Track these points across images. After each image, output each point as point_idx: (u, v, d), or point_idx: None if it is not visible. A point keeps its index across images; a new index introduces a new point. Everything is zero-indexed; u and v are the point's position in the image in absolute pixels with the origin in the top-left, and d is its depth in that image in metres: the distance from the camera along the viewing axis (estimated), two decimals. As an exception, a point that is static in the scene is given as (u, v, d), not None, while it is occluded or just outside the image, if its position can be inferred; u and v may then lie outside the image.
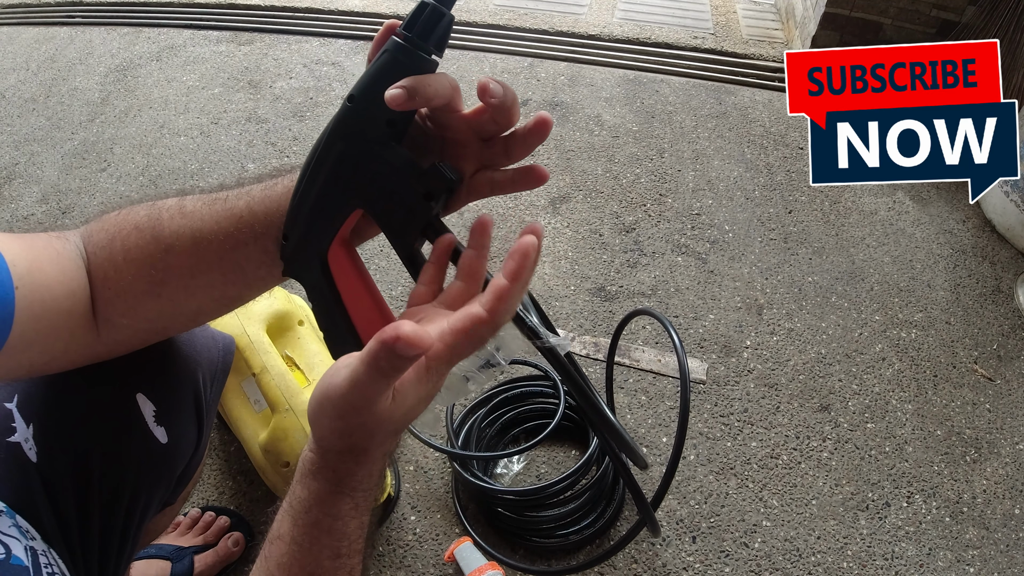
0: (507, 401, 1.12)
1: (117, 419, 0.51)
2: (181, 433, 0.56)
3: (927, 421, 1.20)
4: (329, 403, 0.37)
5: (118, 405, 0.51)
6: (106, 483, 0.51)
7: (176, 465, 0.58)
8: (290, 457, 0.85)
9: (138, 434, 0.52)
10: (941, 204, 1.67)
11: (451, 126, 0.42)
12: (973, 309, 1.41)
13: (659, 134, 1.85)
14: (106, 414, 0.51)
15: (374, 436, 0.38)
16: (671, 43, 2.23)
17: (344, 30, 2.25)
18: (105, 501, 0.51)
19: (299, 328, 1.00)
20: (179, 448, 0.56)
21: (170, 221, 0.44)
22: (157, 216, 0.45)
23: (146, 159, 1.72)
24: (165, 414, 0.54)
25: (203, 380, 0.58)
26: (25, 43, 2.24)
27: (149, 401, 0.53)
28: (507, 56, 2.14)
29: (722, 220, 1.59)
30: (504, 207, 1.59)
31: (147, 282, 0.45)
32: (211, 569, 0.91)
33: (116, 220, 0.46)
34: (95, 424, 0.50)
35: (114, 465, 0.51)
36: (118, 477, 0.52)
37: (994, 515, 1.08)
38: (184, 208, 0.45)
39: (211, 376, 0.60)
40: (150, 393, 0.53)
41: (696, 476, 1.10)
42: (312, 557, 0.39)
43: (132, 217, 0.45)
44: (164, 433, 0.54)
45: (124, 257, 0.44)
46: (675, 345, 0.83)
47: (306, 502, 0.39)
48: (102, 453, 0.50)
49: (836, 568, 1.00)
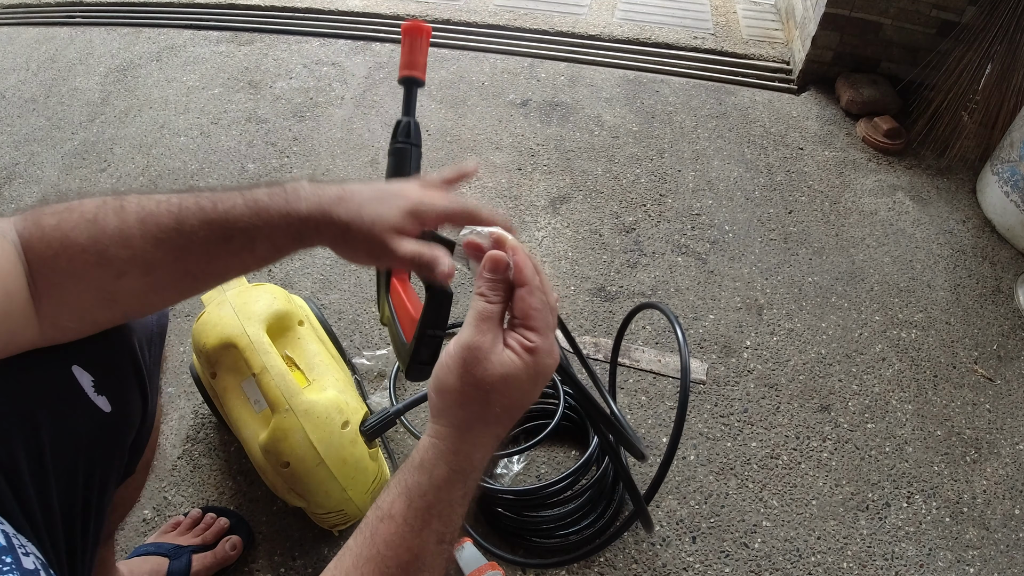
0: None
1: (57, 393, 0.51)
2: (125, 400, 0.56)
3: (927, 421, 1.20)
4: (446, 371, 0.43)
5: (55, 379, 0.51)
6: (58, 461, 0.50)
7: (125, 433, 0.57)
8: (290, 457, 0.85)
9: (80, 406, 0.52)
10: (941, 204, 1.67)
11: None
12: (973, 309, 1.41)
13: (659, 134, 1.85)
14: (46, 389, 0.50)
15: (489, 401, 0.43)
16: (671, 43, 2.23)
17: (344, 30, 2.25)
18: (61, 481, 0.51)
19: (299, 328, 1.00)
20: (125, 416, 0.56)
21: (116, 251, 0.47)
22: (103, 246, 0.46)
23: (146, 159, 1.72)
24: (104, 383, 0.53)
25: (139, 345, 0.57)
26: (25, 43, 2.24)
27: (86, 372, 0.52)
28: (507, 56, 2.14)
29: (722, 220, 1.59)
30: (504, 207, 1.59)
31: (96, 298, 0.48)
32: (208, 570, 0.91)
33: (56, 235, 0.46)
34: (38, 400, 0.50)
35: (63, 441, 0.51)
36: (69, 453, 0.51)
37: (994, 515, 1.08)
38: (129, 242, 0.47)
39: (147, 340, 0.59)
40: (85, 364, 0.52)
41: (696, 476, 1.10)
42: (421, 540, 0.42)
43: (74, 236, 0.46)
44: (106, 402, 0.53)
45: (70, 273, 0.46)
46: (678, 338, 0.83)
47: (423, 486, 0.42)
48: (50, 429, 0.50)
49: (836, 568, 1.00)
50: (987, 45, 1.72)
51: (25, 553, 0.42)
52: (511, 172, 1.69)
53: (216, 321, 0.93)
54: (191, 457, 1.10)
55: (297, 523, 1.01)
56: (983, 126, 1.77)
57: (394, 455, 1.10)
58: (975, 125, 1.78)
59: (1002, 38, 1.69)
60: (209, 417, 1.15)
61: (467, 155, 1.73)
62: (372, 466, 0.92)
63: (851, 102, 1.90)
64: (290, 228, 0.50)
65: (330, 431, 0.86)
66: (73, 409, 0.51)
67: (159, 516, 1.02)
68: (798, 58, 2.09)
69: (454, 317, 0.70)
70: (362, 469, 0.89)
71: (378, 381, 1.21)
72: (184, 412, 1.16)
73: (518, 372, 0.43)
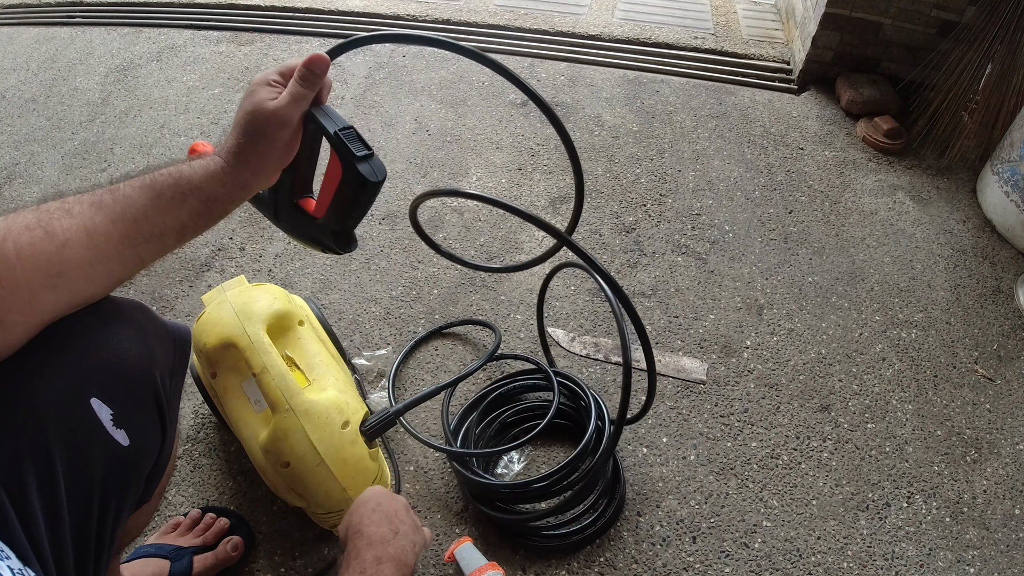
0: (502, 399, 1.13)
1: (73, 427, 0.50)
2: (143, 433, 0.55)
3: (927, 421, 1.20)
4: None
5: (73, 412, 0.50)
6: (73, 494, 0.50)
7: (142, 466, 0.57)
8: (290, 457, 0.85)
9: (97, 440, 0.51)
10: (941, 204, 1.67)
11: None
12: (973, 309, 1.41)
13: (659, 134, 1.85)
14: (62, 422, 0.49)
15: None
16: (671, 43, 2.23)
17: (344, 30, 2.25)
18: (75, 513, 0.50)
19: (299, 328, 1.00)
20: (142, 449, 0.55)
21: (59, 221, 0.49)
22: (47, 219, 0.49)
23: (146, 159, 1.72)
24: (123, 416, 0.53)
25: (160, 376, 0.57)
26: (25, 43, 2.24)
27: (105, 405, 0.52)
28: (507, 56, 2.14)
29: (722, 220, 1.59)
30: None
31: (43, 275, 0.48)
32: (209, 571, 0.91)
33: (2, 224, 0.47)
34: (53, 433, 0.49)
35: (78, 474, 0.50)
36: (84, 487, 0.51)
37: (994, 515, 1.08)
38: (70, 210, 0.50)
39: (168, 371, 0.59)
40: (104, 397, 0.52)
41: (696, 476, 1.10)
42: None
43: (20, 219, 0.48)
44: (124, 436, 0.53)
45: (17, 255, 0.46)
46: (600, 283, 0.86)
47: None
48: (64, 463, 0.49)
49: (836, 568, 1.00)
50: (987, 45, 1.72)
51: None
52: (511, 172, 1.69)
53: (216, 321, 0.93)
54: (191, 457, 1.10)
55: (297, 523, 1.01)
56: (983, 126, 1.77)
57: (394, 455, 1.10)
58: (975, 125, 1.78)
59: (1002, 38, 1.69)
60: (209, 417, 1.15)
61: (468, 155, 1.73)
62: (372, 466, 0.92)
63: (851, 102, 1.90)
64: (213, 161, 0.57)
65: (330, 431, 0.86)
66: (90, 443, 0.51)
67: (159, 516, 1.02)
68: (798, 58, 2.09)
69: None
70: (362, 469, 0.89)
71: (378, 381, 1.21)
72: (184, 412, 1.16)
73: None
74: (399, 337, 1.28)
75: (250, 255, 1.46)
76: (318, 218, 0.68)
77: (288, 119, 0.59)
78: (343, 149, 0.61)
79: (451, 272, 1.42)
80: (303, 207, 0.70)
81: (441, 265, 1.43)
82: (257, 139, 0.58)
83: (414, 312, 1.33)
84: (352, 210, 0.66)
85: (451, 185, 1.59)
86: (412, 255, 1.46)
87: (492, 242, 1.50)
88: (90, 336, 0.52)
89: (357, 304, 1.35)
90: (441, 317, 1.32)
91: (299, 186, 0.70)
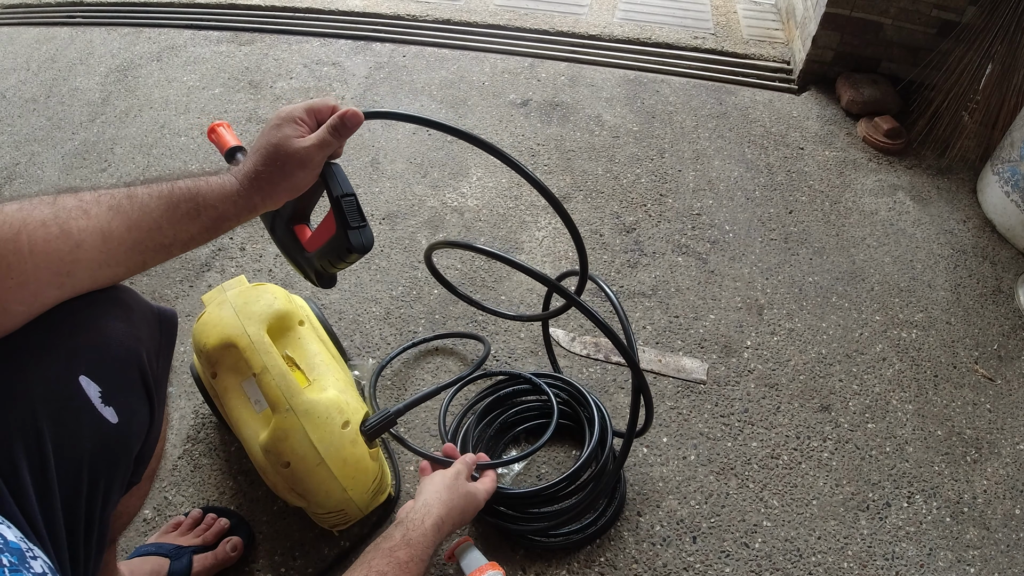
0: (500, 400, 1.12)
1: (62, 403, 0.51)
2: (131, 412, 0.56)
3: (927, 421, 1.20)
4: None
5: (61, 389, 0.51)
6: (62, 471, 0.50)
7: (131, 445, 0.57)
8: (290, 457, 0.85)
9: (86, 416, 0.52)
10: (941, 204, 1.67)
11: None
12: (973, 309, 1.41)
13: (659, 134, 1.85)
14: (51, 399, 0.50)
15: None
16: (671, 43, 2.23)
17: (344, 30, 2.25)
18: (65, 491, 0.51)
19: (300, 328, 1.00)
20: (131, 427, 0.56)
21: (76, 221, 0.50)
22: (65, 216, 0.50)
23: (147, 159, 1.72)
24: (111, 393, 0.53)
25: (147, 356, 0.57)
26: (25, 43, 2.24)
27: (93, 382, 0.52)
28: (507, 56, 2.14)
29: (722, 220, 1.59)
30: (504, 207, 1.59)
31: (53, 273, 0.49)
32: (209, 571, 0.92)
33: (19, 215, 0.48)
34: (42, 410, 0.49)
35: (67, 451, 0.51)
36: (73, 464, 0.51)
37: (995, 515, 1.08)
38: (88, 211, 0.51)
39: (155, 351, 0.59)
40: (93, 374, 0.52)
41: (696, 476, 1.10)
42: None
43: (36, 213, 0.49)
44: (113, 413, 0.53)
45: (31, 250, 0.47)
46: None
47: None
48: (54, 439, 0.50)
49: (836, 568, 1.00)
50: (987, 45, 1.72)
51: (33, 557, 0.43)
52: (511, 172, 1.69)
53: (217, 321, 0.93)
54: (192, 457, 1.10)
55: (297, 523, 1.01)
56: (983, 126, 1.77)
57: (394, 455, 1.10)
58: (975, 125, 1.78)
59: (1002, 38, 1.69)
60: (209, 417, 1.15)
61: (468, 155, 1.73)
62: (372, 466, 0.92)
63: (851, 102, 1.90)
64: (229, 182, 0.59)
65: (330, 431, 0.86)
66: (79, 419, 0.51)
67: (159, 516, 1.03)
68: (798, 58, 2.08)
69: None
70: (362, 469, 0.89)
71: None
72: (184, 412, 1.16)
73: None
74: (399, 337, 1.28)
75: (250, 255, 1.46)
76: (307, 251, 0.73)
77: (310, 161, 0.62)
78: (340, 214, 0.66)
79: (451, 272, 1.42)
80: (297, 234, 0.75)
81: (441, 265, 1.43)
82: (275, 171, 0.61)
83: (414, 312, 1.33)
84: (337, 263, 0.70)
85: (465, 239, 1.54)
86: (412, 255, 1.46)
87: (492, 242, 1.50)
88: (78, 315, 0.53)
89: (357, 304, 1.35)
90: (441, 317, 1.32)
91: (298, 214, 0.74)
